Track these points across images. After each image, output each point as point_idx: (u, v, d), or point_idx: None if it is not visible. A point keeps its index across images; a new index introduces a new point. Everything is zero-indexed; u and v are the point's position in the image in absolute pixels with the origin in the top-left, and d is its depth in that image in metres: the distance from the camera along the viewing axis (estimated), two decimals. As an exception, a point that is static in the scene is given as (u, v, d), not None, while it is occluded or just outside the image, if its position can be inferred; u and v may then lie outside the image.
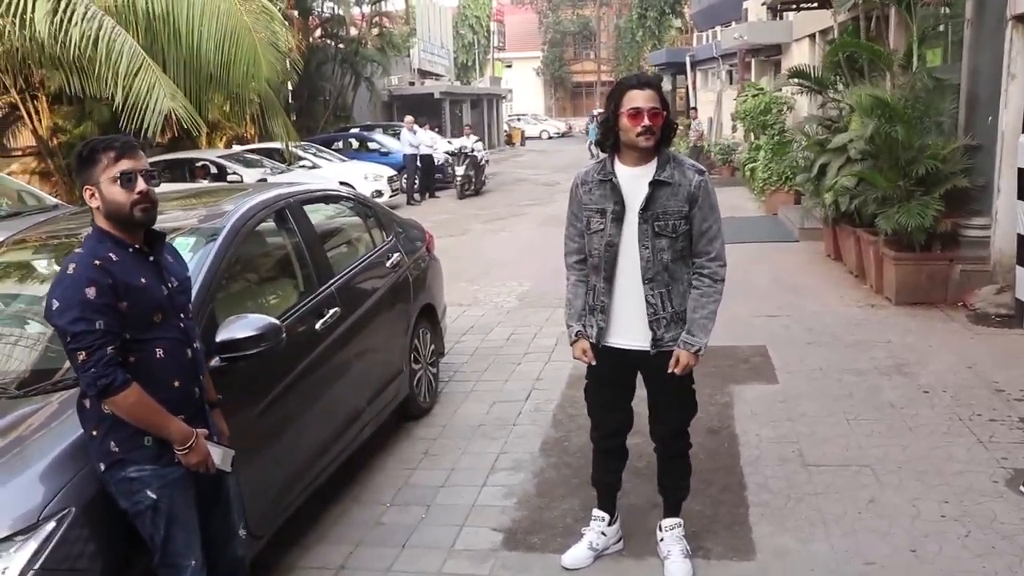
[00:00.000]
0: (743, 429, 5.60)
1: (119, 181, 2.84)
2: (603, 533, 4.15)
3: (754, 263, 10.97)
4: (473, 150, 22.10)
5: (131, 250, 2.90)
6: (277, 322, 3.69)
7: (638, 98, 3.57)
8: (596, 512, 4.19)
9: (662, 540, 4.07)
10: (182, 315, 3.01)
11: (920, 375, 6.44)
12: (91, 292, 2.72)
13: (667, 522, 4.09)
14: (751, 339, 7.59)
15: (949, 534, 4.17)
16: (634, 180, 3.67)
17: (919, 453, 5.09)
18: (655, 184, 3.62)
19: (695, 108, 32.29)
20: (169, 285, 2.97)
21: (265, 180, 12.65)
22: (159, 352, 2.88)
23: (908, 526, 4.27)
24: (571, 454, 5.30)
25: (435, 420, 6.07)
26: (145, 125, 10.88)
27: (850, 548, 4.11)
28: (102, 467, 2.86)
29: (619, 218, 3.68)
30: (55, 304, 2.74)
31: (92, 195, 2.89)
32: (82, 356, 2.71)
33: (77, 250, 2.87)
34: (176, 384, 2.93)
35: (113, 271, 2.79)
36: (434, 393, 6.37)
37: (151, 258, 2.96)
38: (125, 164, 2.85)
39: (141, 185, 2.86)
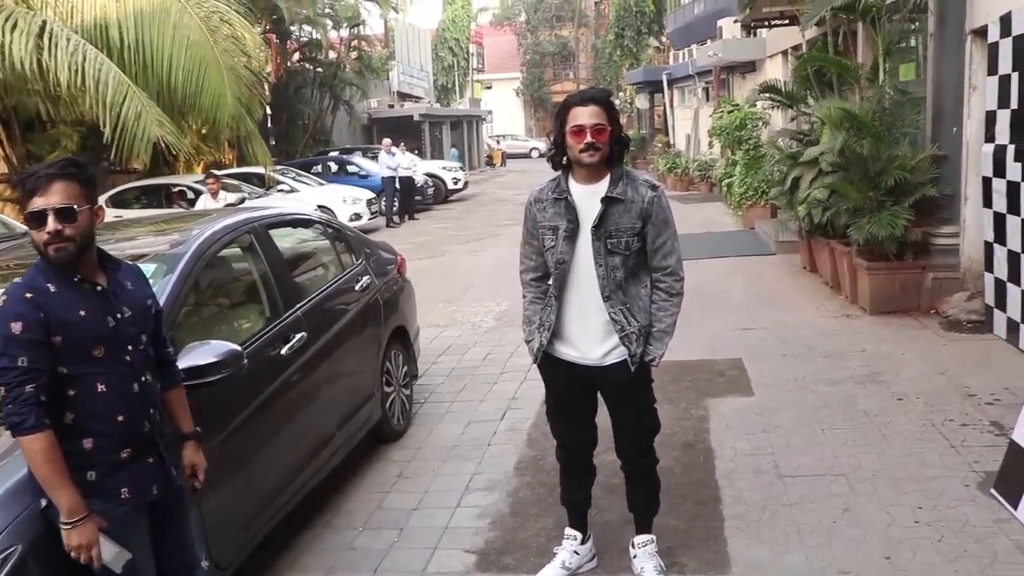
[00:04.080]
0: (719, 442, 5.58)
1: (29, 222, 2.74)
2: (576, 552, 4.10)
3: (731, 277, 11.02)
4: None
5: (76, 280, 2.79)
6: (238, 348, 3.65)
7: (581, 115, 3.54)
8: (568, 531, 4.15)
9: (635, 557, 4.03)
10: (131, 347, 2.88)
11: (894, 383, 6.45)
12: (17, 327, 2.63)
13: (639, 539, 4.05)
14: (727, 352, 7.58)
15: (923, 540, 4.15)
16: (587, 197, 3.63)
17: (893, 460, 5.08)
18: (607, 201, 3.59)
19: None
20: (118, 316, 2.85)
21: (233, 205, 12.66)
22: (100, 387, 2.77)
23: (882, 533, 4.25)
24: (546, 472, 5.25)
25: (409, 442, 6.02)
26: (135, 152, 10.88)
27: (825, 558, 4.08)
28: (43, 503, 2.75)
29: (571, 236, 3.65)
30: None
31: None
32: (2, 391, 2.64)
33: (16, 279, 2.78)
34: (120, 419, 2.81)
35: (47, 304, 2.69)
36: (408, 415, 6.32)
37: (99, 287, 2.85)
38: (37, 202, 2.71)
39: (51, 225, 2.70)
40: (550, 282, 3.79)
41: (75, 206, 2.75)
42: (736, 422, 5.91)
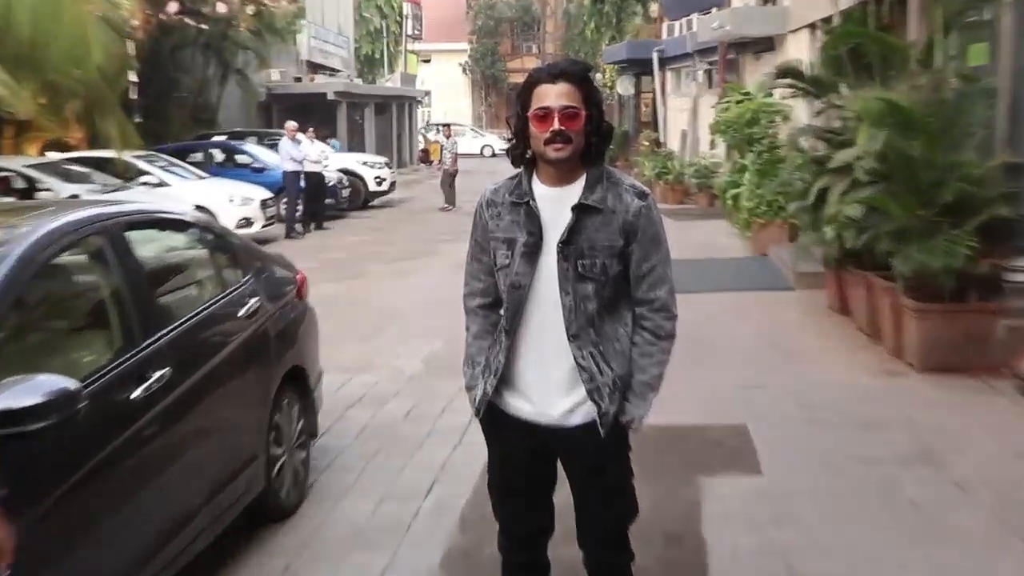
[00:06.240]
0: (714, 536, 5.58)
1: None
2: (521, 675, 4.05)
3: (736, 318, 11.14)
4: None
5: None
6: (74, 386, 3.58)
7: (548, 95, 3.50)
8: (512, 648, 4.09)
9: None
10: None
11: (953, 465, 6.51)
12: None
13: (606, 661, 3.99)
14: (728, 416, 7.63)
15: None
16: (555, 204, 3.60)
17: (950, 571, 5.10)
18: (580, 209, 3.55)
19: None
20: None
21: (77, 196, 12.48)
22: None
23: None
24: (484, 568, 5.16)
25: (301, 523, 5.94)
26: None
27: None
28: None
29: (531, 253, 3.61)
30: None
31: None
32: None
33: None
34: None
35: None
36: (302, 487, 6.27)
37: None
38: None
39: None
40: (502, 312, 3.73)
41: None
42: (737, 510, 5.93)
